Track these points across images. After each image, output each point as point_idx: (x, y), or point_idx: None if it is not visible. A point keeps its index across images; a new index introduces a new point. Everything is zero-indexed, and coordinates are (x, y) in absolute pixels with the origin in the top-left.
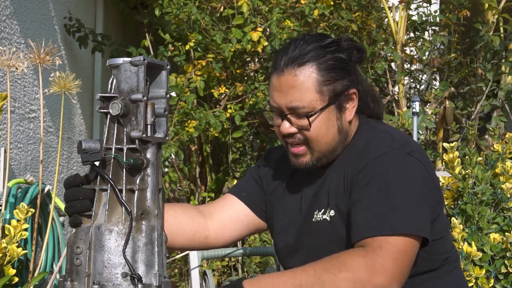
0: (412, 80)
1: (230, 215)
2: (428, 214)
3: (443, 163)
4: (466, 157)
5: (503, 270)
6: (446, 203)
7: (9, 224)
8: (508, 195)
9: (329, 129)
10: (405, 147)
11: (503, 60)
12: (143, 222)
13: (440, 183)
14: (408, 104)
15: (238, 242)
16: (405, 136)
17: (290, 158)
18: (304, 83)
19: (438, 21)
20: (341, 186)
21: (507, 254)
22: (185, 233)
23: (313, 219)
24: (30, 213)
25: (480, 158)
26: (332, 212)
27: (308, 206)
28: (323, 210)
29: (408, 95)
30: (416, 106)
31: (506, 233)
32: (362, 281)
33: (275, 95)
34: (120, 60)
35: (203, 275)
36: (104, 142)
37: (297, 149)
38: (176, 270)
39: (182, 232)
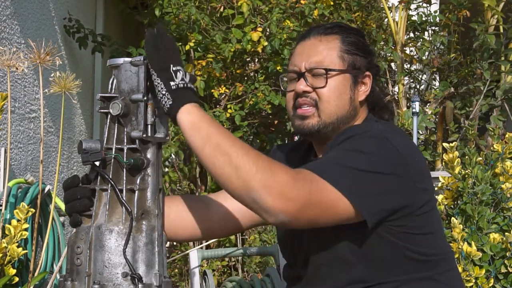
0: (412, 80)
1: (234, 208)
2: (378, 193)
3: (443, 163)
4: (466, 157)
5: (503, 270)
6: (446, 203)
7: (9, 224)
8: (508, 195)
9: (341, 94)
10: (385, 133)
11: (502, 59)
12: (144, 222)
13: (440, 183)
14: (408, 104)
15: (238, 242)
16: (393, 131)
17: (295, 125)
18: (327, 47)
19: (438, 21)
20: None
21: (507, 254)
22: (188, 226)
23: None
24: (30, 213)
25: (480, 158)
26: None
27: None
28: None
29: (408, 95)
30: (416, 106)
31: (506, 233)
32: (268, 193)
33: (296, 59)
34: (121, 60)
35: (203, 275)
36: (105, 142)
37: (305, 110)
38: (176, 270)
39: (185, 226)
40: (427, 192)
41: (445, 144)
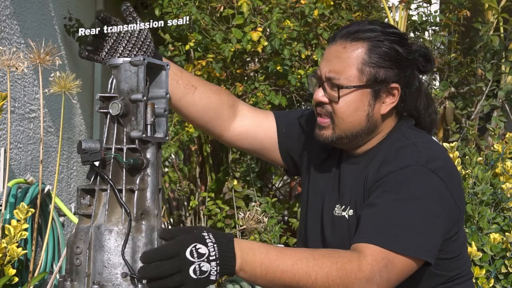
0: None
1: (257, 134)
2: (438, 237)
3: None
4: (466, 157)
5: (503, 270)
6: None
7: (9, 224)
8: (508, 195)
9: (357, 111)
10: (430, 163)
11: (503, 60)
12: (143, 222)
13: None
14: None
15: None
16: (433, 152)
17: (315, 131)
18: (349, 57)
19: (438, 21)
20: (361, 187)
21: (507, 254)
22: (206, 114)
23: (334, 213)
24: (30, 213)
25: (480, 158)
26: (351, 212)
27: (330, 197)
28: (343, 206)
29: None
30: None
31: (506, 233)
32: None
33: (321, 64)
34: (120, 60)
35: None
36: (104, 142)
37: (322, 120)
38: None
39: (203, 111)
40: (461, 216)
41: (445, 144)
